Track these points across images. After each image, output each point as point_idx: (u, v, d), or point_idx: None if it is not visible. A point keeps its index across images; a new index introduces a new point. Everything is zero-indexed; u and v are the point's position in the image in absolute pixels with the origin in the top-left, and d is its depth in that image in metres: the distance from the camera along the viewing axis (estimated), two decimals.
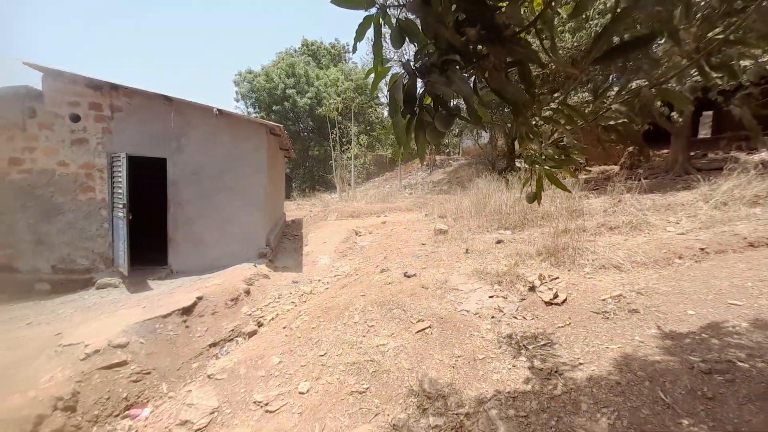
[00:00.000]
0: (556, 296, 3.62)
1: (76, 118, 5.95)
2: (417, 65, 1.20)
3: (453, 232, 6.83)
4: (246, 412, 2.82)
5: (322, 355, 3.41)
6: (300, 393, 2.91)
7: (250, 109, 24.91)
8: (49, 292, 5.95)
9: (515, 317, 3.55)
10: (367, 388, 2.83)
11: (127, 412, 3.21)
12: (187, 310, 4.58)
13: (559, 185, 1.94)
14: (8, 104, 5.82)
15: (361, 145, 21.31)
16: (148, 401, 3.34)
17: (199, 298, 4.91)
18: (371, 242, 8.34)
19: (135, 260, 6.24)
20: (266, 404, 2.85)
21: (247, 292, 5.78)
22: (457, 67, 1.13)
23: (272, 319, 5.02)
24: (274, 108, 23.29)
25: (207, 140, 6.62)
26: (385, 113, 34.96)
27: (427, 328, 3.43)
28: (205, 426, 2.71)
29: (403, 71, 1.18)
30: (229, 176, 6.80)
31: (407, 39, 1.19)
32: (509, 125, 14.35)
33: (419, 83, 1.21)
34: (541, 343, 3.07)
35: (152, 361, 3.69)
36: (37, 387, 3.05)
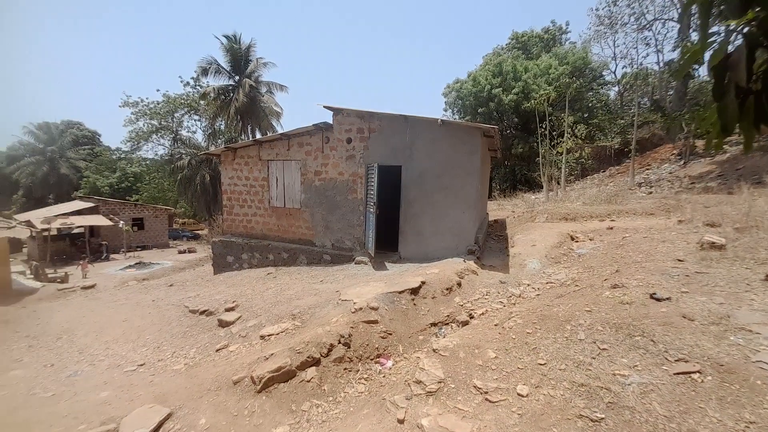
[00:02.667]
0: None
1: (349, 141, 8.17)
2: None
3: (737, 248, 4.80)
4: (467, 393, 3.06)
5: (541, 364, 3.23)
6: (519, 395, 2.88)
7: (456, 116, 26.26)
8: (330, 261, 8.50)
9: None
10: (602, 418, 2.45)
11: (378, 359, 4.16)
12: (414, 291, 5.42)
13: None
14: (314, 135, 8.70)
15: (576, 136, 18.29)
16: (390, 356, 4.20)
17: (423, 283, 5.69)
18: (593, 250, 7.07)
19: (377, 246, 7.93)
20: (486, 392, 2.99)
21: (459, 284, 6.19)
22: None
23: (482, 314, 5.17)
24: (479, 111, 23.55)
25: (430, 147, 7.51)
26: (612, 96, 28.35)
27: (694, 372, 2.59)
28: (435, 391, 3.14)
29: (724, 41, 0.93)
30: (445, 178, 7.46)
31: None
32: None
33: None
34: None
35: (392, 326, 4.60)
36: (330, 324, 4.44)
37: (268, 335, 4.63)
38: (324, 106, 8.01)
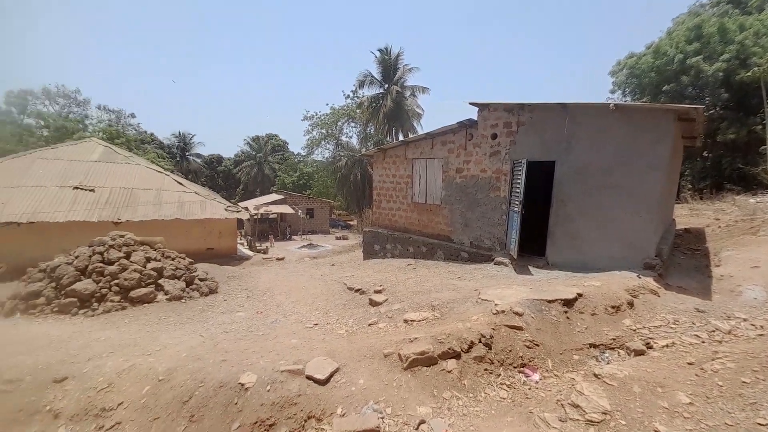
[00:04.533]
0: None
1: (494, 136, 7.80)
2: None
3: None
4: None
5: (762, 425, 2.32)
6: None
7: (627, 98, 21.30)
8: (467, 259, 8.38)
9: None
10: None
11: (522, 368, 3.86)
12: (568, 303, 4.74)
13: None
14: (457, 133, 8.67)
15: None
16: (537, 368, 3.83)
17: (579, 295, 4.91)
18: None
19: (520, 248, 7.31)
20: None
21: (630, 304, 5.07)
22: None
23: (666, 346, 4.08)
24: (663, 89, 18.37)
25: (595, 138, 6.37)
26: None
27: None
28: (597, 422, 2.68)
29: None
30: (617, 173, 6.19)
31: None
32: None
33: None
34: None
35: (540, 336, 4.17)
36: (470, 321, 4.38)
37: (411, 320, 4.95)
38: (469, 103, 7.89)
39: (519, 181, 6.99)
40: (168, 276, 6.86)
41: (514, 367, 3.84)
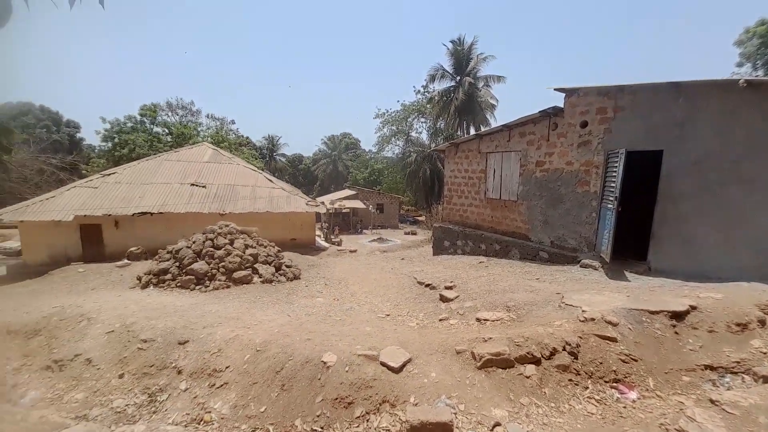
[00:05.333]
0: None
1: (584, 124, 7.00)
2: None
3: None
4: None
5: None
6: None
7: (758, 72, 17.10)
8: (547, 260, 7.72)
9: None
10: None
11: (615, 384, 3.44)
12: (677, 315, 4.06)
13: None
14: (538, 123, 7.98)
15: None
16: (634, 386, 3.38)
17: (693, 308, 4.16)
18: None
19: (613, 250, 6.46)
20: None
21: (762, 323, 4.13)
22: None
23: None
24: None
25: (718, 122, 5.27)
26: None
27: None
28: None
29: None
30: (748, 165, 5.06)
31: None
32: None
33: None
34: None
35: (638, 351, 3.66)
36: (552, 326, 4.05)
37: (484, 319, 4.78)
38: (555, 89, 7.19)
39: (614, 173, 6.15)
40: (261, 261, 7.78)
41: (605, 382, 3.45)
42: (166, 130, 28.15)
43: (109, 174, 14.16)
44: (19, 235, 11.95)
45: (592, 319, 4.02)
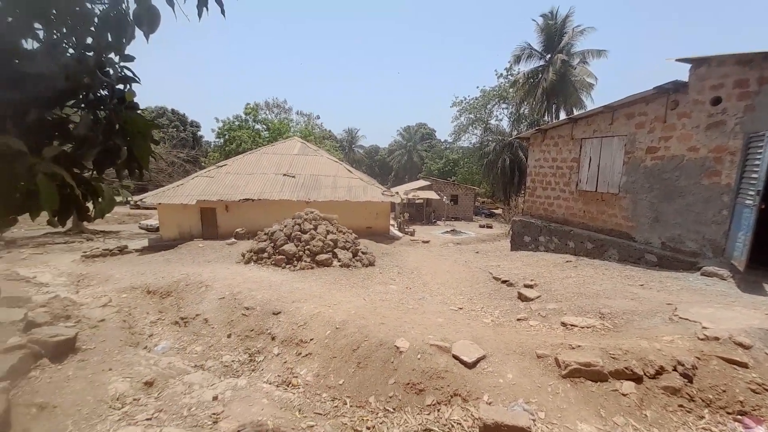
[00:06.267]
0: None
1: (716, 101, 5.65)
2: None
3: None
4: None
5: None
6: None
7: None
8: (655, 264, 6.56)
9: None
10: None
11: (740, 417, 2.80)
12: None
13: None
14: (652, 102, 6.71)
15: None
16: (763, 420, 2.70)
17: None
18: None
19: (750, 256, 5.16)
20: None
21: None
22: None
23: None
24: None
25: None
26: None
27: None
28: None
29: None
30: None
31: None
32: None
33: None
34: None
35: None
36: (659, 342, 3.45)
37: (571, 325, 4.33)
38: (677, 60, 5.94)
39: (758, 162, 4.85)
40: (341, 247, 8.31)
41: (728, 413, 2.85)
42: (265, 126, 31.71)
43: (222, 166, 16.61)
44: (157, 214, 14.94)
45: (716, 339, 3.31)
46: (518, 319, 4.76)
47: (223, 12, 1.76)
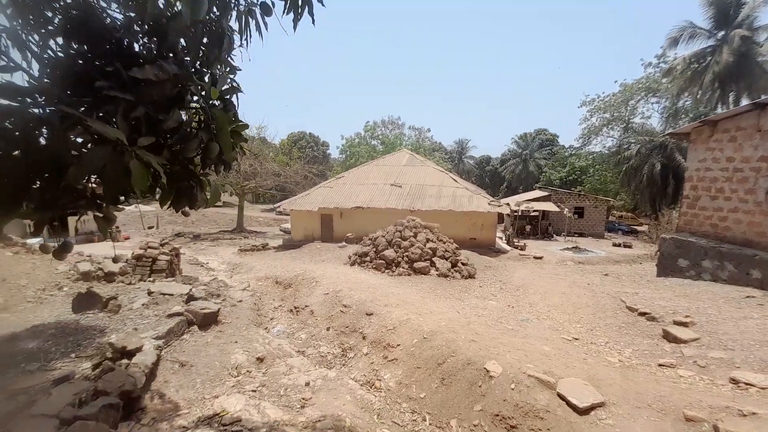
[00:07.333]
0: None
1: None
2: None
3: None
4: None
5: None
6: None
7: None
8: None
9: None
10: None
11: None
12: None
13: None
14: None
15: None
16: None
17: None
18: None
19: None
20: None
21: None
22: None
23: None
24: None
25: None
26: None
27: None
28: None
29: None
30: None
31: None
32: None
33: None
34: None
35: None
36: None
37: (746, 383, 3.04)
38: None
39: None
40: (439, 256, 8.08)
41: None
42: (380, 141, 34.33)
43: (340, 177, 18.61)
44: (290, 219, 17.72)
45: None
46: (660, 365, 3.61)
47: (313, 21, 1.91)
